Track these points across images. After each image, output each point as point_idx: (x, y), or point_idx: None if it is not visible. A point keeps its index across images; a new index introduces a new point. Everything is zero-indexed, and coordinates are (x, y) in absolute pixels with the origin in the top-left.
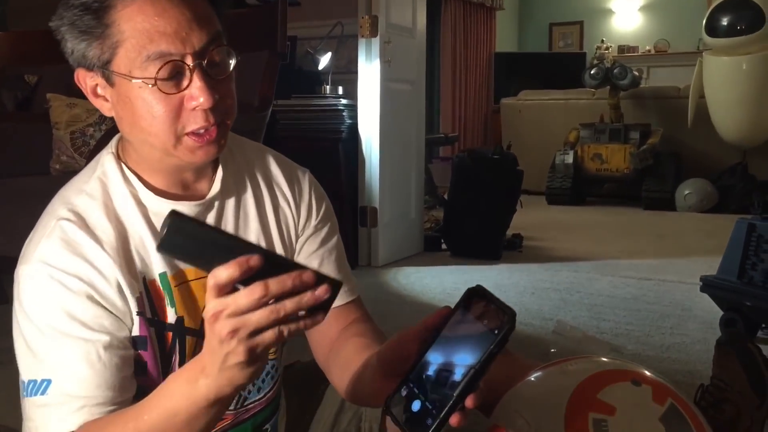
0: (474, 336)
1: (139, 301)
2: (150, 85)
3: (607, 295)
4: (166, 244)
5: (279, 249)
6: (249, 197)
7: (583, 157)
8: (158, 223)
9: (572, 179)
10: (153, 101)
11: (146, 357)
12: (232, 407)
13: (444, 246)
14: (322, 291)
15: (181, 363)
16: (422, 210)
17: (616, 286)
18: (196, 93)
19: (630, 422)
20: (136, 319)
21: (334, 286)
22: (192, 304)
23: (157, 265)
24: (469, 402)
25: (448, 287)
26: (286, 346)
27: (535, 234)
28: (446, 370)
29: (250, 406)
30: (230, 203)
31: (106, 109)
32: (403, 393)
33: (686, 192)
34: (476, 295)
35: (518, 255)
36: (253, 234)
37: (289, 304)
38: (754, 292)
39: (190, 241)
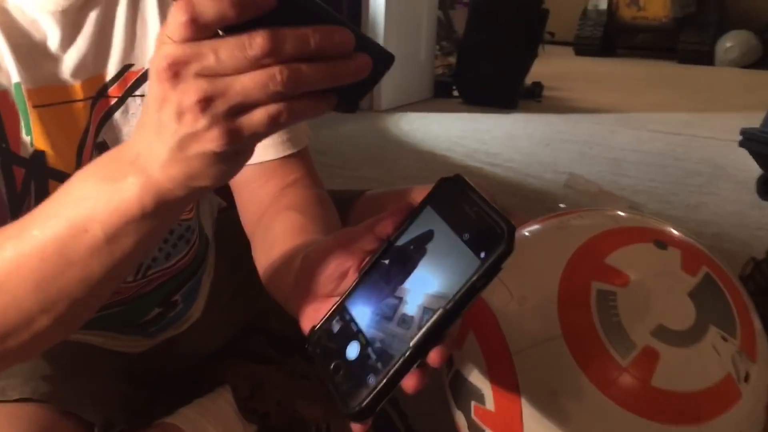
0: (447, 255)
1: None
2: None
3: (630, 149)
4: None
5: None
6: None
7: (619, 2)
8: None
9: (604, 27)
10: None
11: None
12: (131, 278)
13: (456, 93)
14: (361, 63)
15: None
16: (434, 51)
17: (641, 140)
18: None
19: (647, 296)
20: None
21: (382, 60)
22: (61, 136)
23: (9, 72)
24: (434, 358)
25: (455, 135)
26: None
27: (557, 84)
28: (401, 301)
29: (154, 275)
30: None
31: None
32: (336, 328)
33: (728, 45)
34: (454, 190)
35: (536, 105)
36: (151, 47)
37: (307, 71)
38: None
39: None
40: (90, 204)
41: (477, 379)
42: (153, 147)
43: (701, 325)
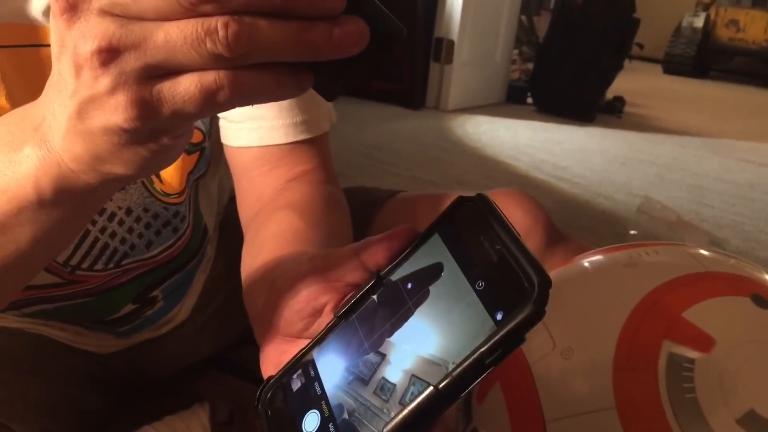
0: (451, 308)
1: None
2: None
3: (715, 177)
4: None
5: None
6: None
7: (716, 22)
8: None
9: (698, 47)
10: None
11: None
12: (100, 266)
13: (530, 99)
14: (350, 32)
15: None
16: (511, 55)
17: (728, 168)
18: None
19: (736, 370)
20: None
21: (386, 34)
22: (22, 85)
23: None
24: None
25: (523, 143)
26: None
27: (641, 101)
28: (384, 360)
29: (131, 266)
30: None
31: None
32: (295, 386)
33: None
34: (474, 217)
35: (616, 120)
36: None
37: (266, 31)
38: None
39: None
40: None
41: None
42: (55, 111)
43: None
